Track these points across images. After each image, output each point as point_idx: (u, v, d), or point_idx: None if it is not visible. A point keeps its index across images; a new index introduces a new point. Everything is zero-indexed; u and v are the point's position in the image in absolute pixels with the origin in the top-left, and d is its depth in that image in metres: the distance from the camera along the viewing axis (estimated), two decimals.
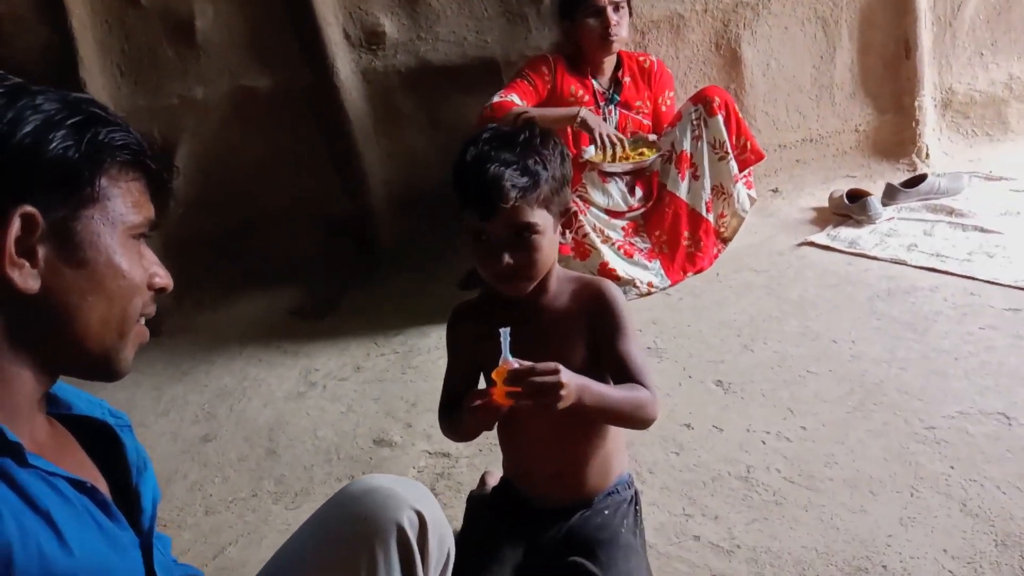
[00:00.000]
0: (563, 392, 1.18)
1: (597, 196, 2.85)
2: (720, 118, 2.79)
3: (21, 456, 0.78)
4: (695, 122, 2.82)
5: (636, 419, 1.34)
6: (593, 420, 1.42)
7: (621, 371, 1.36)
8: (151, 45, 3.28)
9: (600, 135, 2.74)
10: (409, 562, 1.03)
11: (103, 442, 0.97)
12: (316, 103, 3.37)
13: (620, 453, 1.55)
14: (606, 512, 1.48)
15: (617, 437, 1.52)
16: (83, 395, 1.01)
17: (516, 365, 1.19)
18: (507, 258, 1.28)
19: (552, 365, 1.20)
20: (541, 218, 1.31)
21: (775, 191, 3.41)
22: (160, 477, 2.19)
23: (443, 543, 1.10)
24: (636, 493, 1.56)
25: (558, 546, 1.46)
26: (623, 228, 2.88)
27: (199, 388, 2.78)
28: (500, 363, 1.20)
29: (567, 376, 1.20)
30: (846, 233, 2.94)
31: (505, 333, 1.21)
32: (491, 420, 1.29)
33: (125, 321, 0.88)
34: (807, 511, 1.68)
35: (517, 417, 1.43)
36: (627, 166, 2.86)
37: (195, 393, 2.74)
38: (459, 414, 1.38)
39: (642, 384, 1.34)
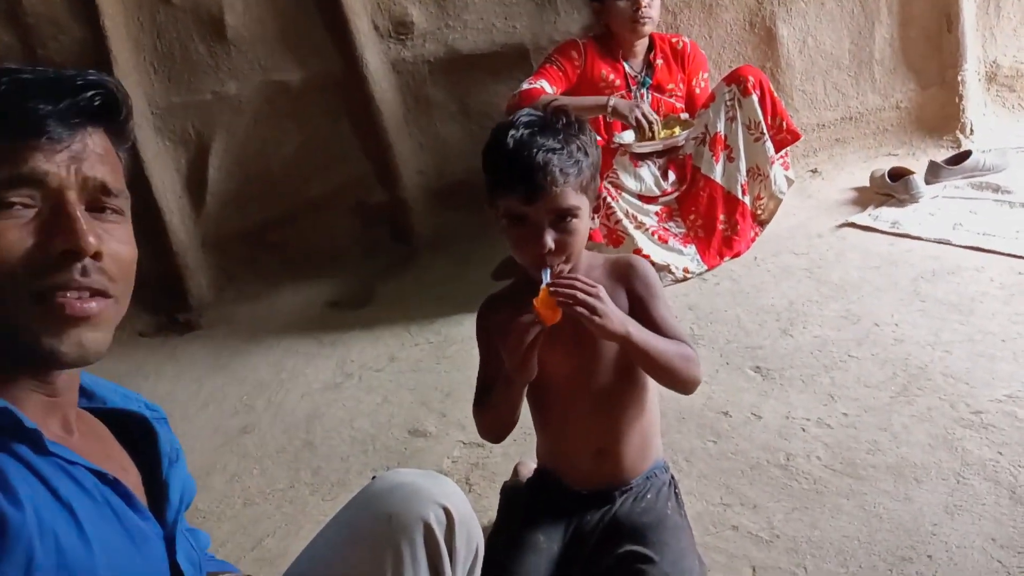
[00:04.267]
0: (602, 306, 1.26)
1: (629, 181, 2.80)
2: (755, 98, 2.73)
3: (40, 443, 0.78)
4: (729, 103, 2.76)
5: (683, 372, 1.38)
6: (634, 386, 1.44)
7: (661, 334, 1.38)
8: (183, 42, 3.31)
9: (636, 117, 2.70)
10: (436, 559, 1.02)
11: (140, 435, 0.98)
12: (347, 95, 3.38)
13: (656, 434, 1.56)
14: (648, 496, 1.48)
15: (654, 414, 1.52)
16: (120, 389, 1.01)
17: None
18: (550, 241, 1.31)
19: (592, 281, 1.30)
20: (581, 202, 1.35)
21: (814, 171, 3.33)
22: (200, 469, 2.24)
23: (471, 539, 1.09)
24: (672, 477, 1.56)
25: (603, 533, 1.46)
26: (657, 213, 2.83)
27: (238, 380, 2.81)
28: (541, 289, 1.28)
29: (607, 298, 1.29)
30: (888, 213, 2.87)
31: (546, 271, 1.31)
32: (532, 352, 1.30)
33: (15, 303, 0.78)
34: (849, 500, 1.65)
35: (559, 394, 1.46)
36: (658, 146, 2.81)
37: (234, 385, 2.77)
38: (495, 391, 1.42)
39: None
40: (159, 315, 3.41)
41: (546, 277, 1.30)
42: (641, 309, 1.41)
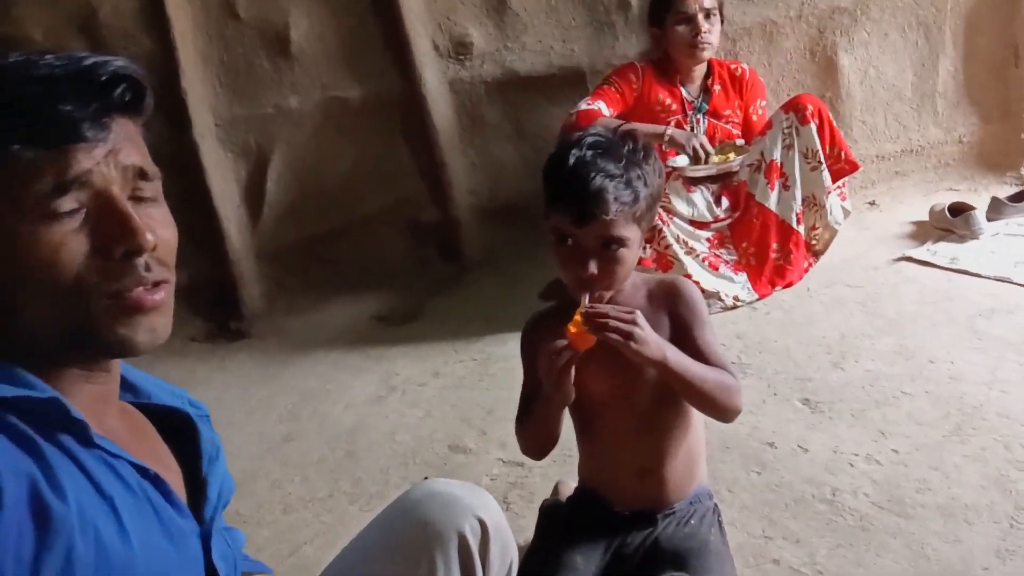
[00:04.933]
0: (638, 332, 1.24)
1: (681, 206, 2.78)
2: (813, 126, 2.69)
3: (85, 435, 0.79)
4: (786, 131, 2.73)
5: (722, 401, 1.35)
6: (679, 407, 1.41)
7: (703, 361, 1.35)
8: (248, 56, 3.40)
9: (693, 147, 2.69)
10: (470, 571, 1.02)
11: (182, 431, 0.98)
12: (404, 113, 3.43)
13: (702, 458, 1.53)
14: (692, 521, 1.46)
15: (699, 437, 1.50)
16: (164, 385, 1.02)
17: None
18: (593, 267, 1.29)
19: (628, 308, 1.28)
20: (632, 232, 1.32)
21: (872, 204, 3.28)
22: (243, 474, 2.27)
23: (506, 553, 1.08)
24: (716, 505, 1.53)
25: (644, 557, 1.44)
26: (708, 239, 2.81)
27: (285, 389, 2.84)
28: (576, 313, 1.26)
29: (645, 323, 1.26)
30: (947, 248, 2.80)
31: (585, 294, 1.30)
32: (566, 374, 1.28)
33: (76, 305, 0.79)
34: (896, 538, 1.60)
35: (602, 413, 1.44)
36: (712, 170, 2.79)
37: (281, 394, 2.81)
38: (535, 410, 1.40)
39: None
40: (211, 322, 3.48)
41: (584, 301, 1.29)
42: (684, 333, 1.38)
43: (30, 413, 0.76)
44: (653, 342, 1.27)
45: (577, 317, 1.26)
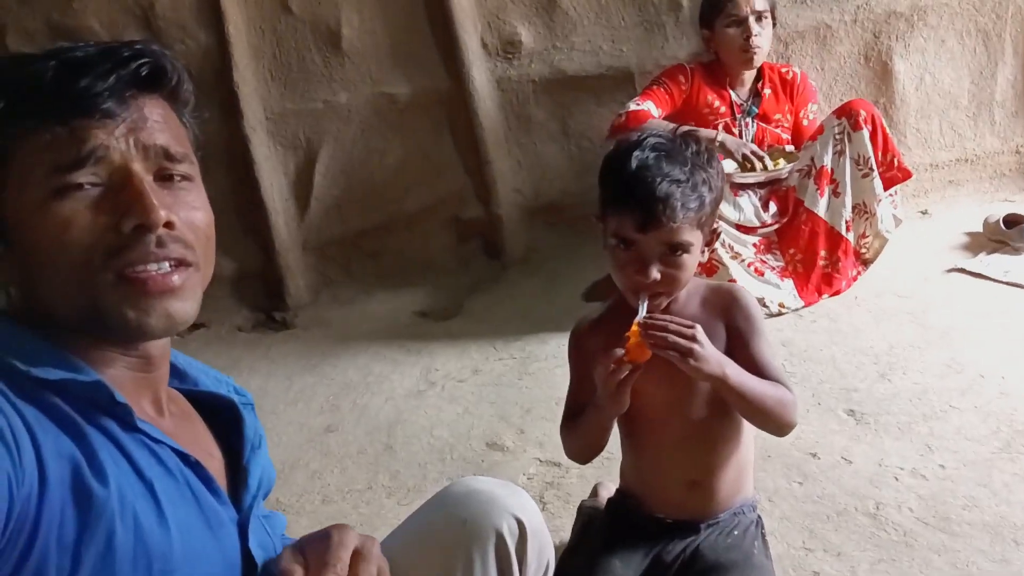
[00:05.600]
0: (698, 348, 1.21)
1: (728, 210, 2.74)
2: (865, 132, 2.64)
3: (129, 419, 0.79)
4: (838, 136, 2.68)
5: (779, 416, 1.32)
6: (732, 419, 1.39)
7: (759, 374, 1.32)
8: (300, 51, 3.43)
9: (743, 155, 2.67)
10: (506, 570, 1.02)
11: (227, 419, 0.99)
12: (451, 110, 3.44)
13: (750, 469, 1.51)
14: (735, 533, 1.44)
15: (750, 448, 1.48)
16: (211, 372, 1.03)
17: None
18: (655, 273, 1.26)
19: (688, 322, 1.24)
20: (695, 238, 1.29)
21: (924, 213, 3.21)
22: (284, 463, 2.29)
23: (542, 554, 1.07)
24: (760, 517, 1.51)
25: (684, 565, 1.42)
26: (755, 245, 2.77)
27: (327, 381, 2.87)
28: (634, 324, 1.23)
29: (705, 338, 1.23)
30: (1001, 261, 2.73)
31: (643, 296, 1.27)
32: (625, 387, 1.26)
33: (84, 282, 0.79)
34: (940, 555, 1.57)
35: (653, 422, 1.42)
36: (760, 176, 2.76)
37: (323, 385, 2.84)
38: (584, 417, 1.38)
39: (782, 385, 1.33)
40: (258, 312, 3.53)
41: (642, 309, 1.26)
42: (740, 344, 1.35)
43: (74, 395, 0.77)
44: (713, 359, 1.24)
45: (634, 328, 1.23)
